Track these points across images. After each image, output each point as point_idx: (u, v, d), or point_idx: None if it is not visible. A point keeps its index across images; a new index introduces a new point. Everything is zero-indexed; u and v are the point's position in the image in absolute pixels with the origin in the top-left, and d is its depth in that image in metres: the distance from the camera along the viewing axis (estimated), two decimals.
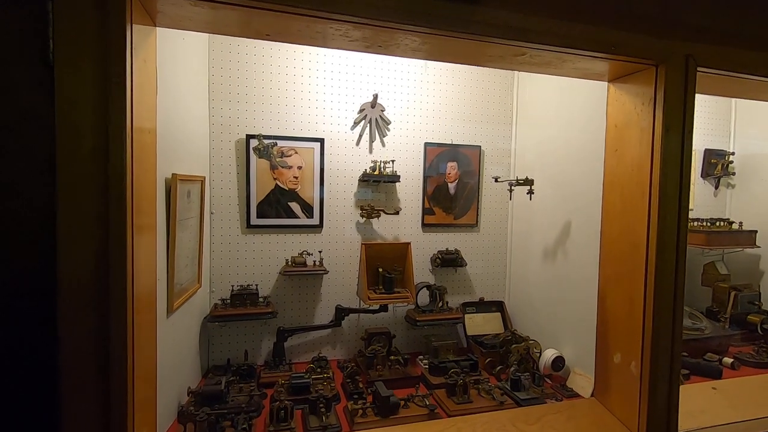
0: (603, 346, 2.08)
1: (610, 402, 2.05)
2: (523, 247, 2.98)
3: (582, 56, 1.72)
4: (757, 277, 3.35)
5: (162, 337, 1.73)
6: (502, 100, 3.03)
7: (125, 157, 1.20)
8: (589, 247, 2.22)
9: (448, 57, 1.97)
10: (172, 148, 1.85)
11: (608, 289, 2.07)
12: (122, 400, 1.21)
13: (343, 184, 2.71)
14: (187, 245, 2.01)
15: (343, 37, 1.54)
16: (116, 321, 1.20)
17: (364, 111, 2.67)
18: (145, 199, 1.39)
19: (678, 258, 1.83)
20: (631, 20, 1.73)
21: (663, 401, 1.85)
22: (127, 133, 1.21)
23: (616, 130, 2.04)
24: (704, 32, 1.84)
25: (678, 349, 1.85)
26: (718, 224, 3.23)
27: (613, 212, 2.06)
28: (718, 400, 2.22)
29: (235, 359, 2.47)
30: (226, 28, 1.48)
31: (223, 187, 2.51)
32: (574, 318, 2.44)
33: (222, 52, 2.46)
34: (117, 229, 1.20)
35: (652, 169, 1.82)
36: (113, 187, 1.19)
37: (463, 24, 1.51)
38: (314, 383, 2.16)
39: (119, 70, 1.17)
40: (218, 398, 1.94)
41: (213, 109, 2.46)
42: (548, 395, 2.23)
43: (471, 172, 2.95)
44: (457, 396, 2.11)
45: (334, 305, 2.65)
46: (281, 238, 2.62)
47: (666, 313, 1.82)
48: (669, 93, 1.79)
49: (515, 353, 2.43)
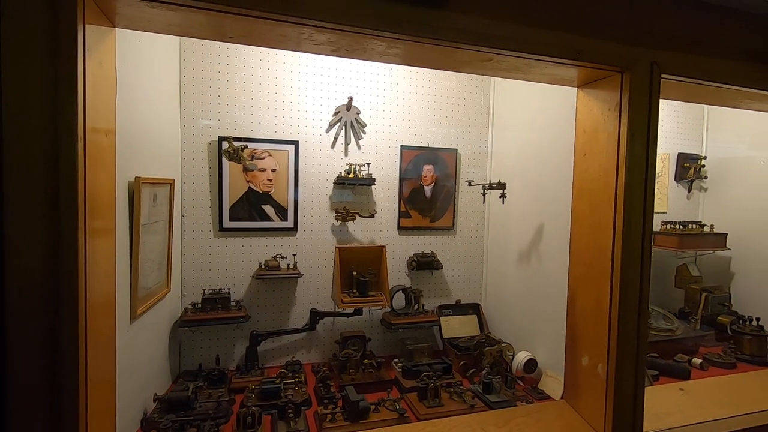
0: (572, 348, 2.10)
1: (578, 404, 2.07)
2: (500, 250, 2.99)
3: (548, 62, 1.73)
4: (727, 279, 3.43)
5: (125, 343, 1.70)
6: (478, 104, 3.05)
7: (76, 159, 1.17)
8: (562, 250, 2.24)
9: (417, 62, 1.96)
10: (138, 151, 1.82)
11: (577, 293, 2.09)
12: (74, 410, 1.18)
13: (318, 187, 2.69)
14: (154, 249, 1.97)
15: (308, 41, 1.53)
16: (67, 328, 1.17)
17: (339, 113, 2.66)
18: (102, 203, 1.36)
19: (643, 261, 1.85)
20: (596, 27, 1.76)
21: (628, 403, 1.87)
22: (79, 136, 1.18)
23: (585, 135, 2.06)
24: (669, 40, 1.87)
25: (643, 351, 1.88)
26: (690, 227, 3.29)
27: (582, 216, 2.08)
28: (685, 401, 2.26)
29: (207, 364, 2.44)
30: (187, 30, 1.46)
31: (195, 190, 2.47)
32: (546, 321, 2.46)
33: (194, 53, 2.42)
34: (68, 234, 1.17)
35: (618, 173, 1.85)
36: (64, 190, 1.16)
37: (429, 29, 1.51)
38: (285, 388, 2.14)
39: (69, 71, 1.15)
40: (185, 404, 1.91)
41: (185, 110, 2.42)
42: (519, 398, 2.24)
43: (448, 175, 2.96)
44: (428, 399, 2.11)
45: (309, 309, 2.64)
46: (255, 241, 2.59)
47: (631, 315, 1.85)
48: (634, 99, 1.81)
49: (488, 356, 2.44)
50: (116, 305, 1.48)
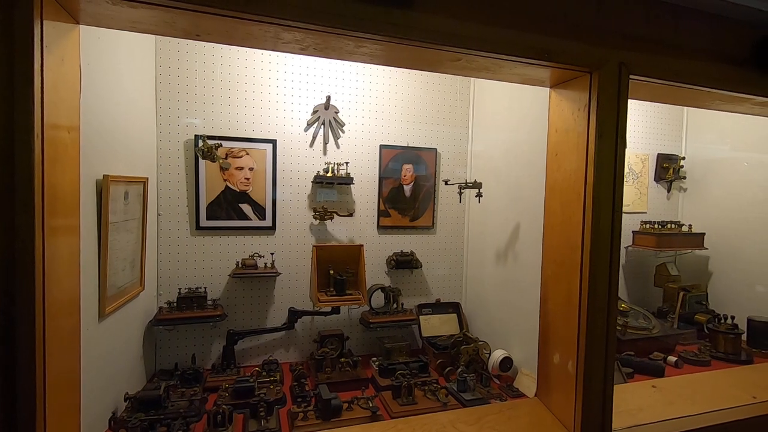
0: (544, 346, 2.12)
1: (550, 401, 2.08)
2: (479, 249, 3.01)
3: (517, 62, 1.75)
4: (705, 278, 3.47)
5: (93, 342, 1.69)
6: (459, 103, 3.06)
7: (33, 156, 1.17)
8: (536, 249, 2.26)
9: (388, 61, 1.96)
10: (107, 148, 1.81)
11: (549, 291, 2.11)
12: (30, 410, 1.17)
13: (296, 186, 2.69)
14: (126, 248, 1.96)
15: (275, 39, 1.53)
16: (23, 327, 1.17)
17: (318, 112, 2.67)
18: (64, 200, 1.35)
19: (612, 260, 1.87)
20: (565, 28, 1.77)
21: (598, 399, 1.89)
22: (36, 134, 1.18)
23: (557, 135, 2.08)
24: (638, 40, 1.90)
25: (612, 347, 1.90)
26: (668, 226, 3.33)
27: (554, 214, 2.10)
28: (656, 397, 2.28)
29: (183, 364, 2.43)
30: (150, 27, 1.45)
31: (172, 189, 2.47)
32: (522, 319, 2.48)
33: (170, 51, 2.42)
34: (24, 232, 1.16)
35: (587, 173, 1.86)
36: (20, 188, 1.15)
37: (395, 29, 1.52)
38: (260, 387, 2.14)
39: (25, 68, 1.14)
40: (156, 403, 1.90)
41: (160, 108, 2.41)
42: (494, 395, 2.26)
43: (427, 175, 2.98)
44: (402, 398, 2.12)
45: (287, 308, 2.63)
46: (232, 240, 2.59)
47: (600, 312, 1.87)
48: (602, 100, 1.83)
49: (465, 354, 2.46)
50: (82, 304, 1.47)
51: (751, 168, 3.20)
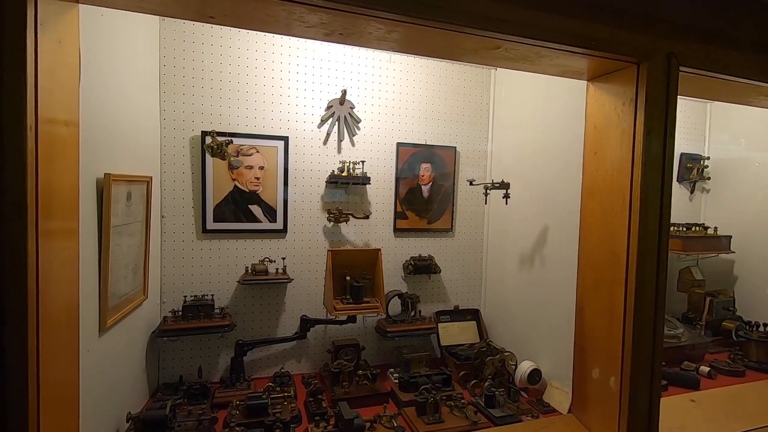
0: (581, 359, 1.97)
1: (588, 419, 1.94)
2: (500, 252, 2.86)
3: (560, 51, 1.60)
4: (731, 283, 3.33)
5: (93, 357, 1.53)
6: (478, 100, 2.91)
7: (26, 152, 1.00)
8: (568, 254, 2.12)
9: (419, 49, 1.82)
10: (109, 145, 1.64)
11: (586, 300, 1.96)
12: None
13: (309, 186, 2.53)
14: (128, 253, 1.80)
15: (298, 22, 1.38)
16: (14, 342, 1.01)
17: (332, 108, 2.50)
18: (61, 202, 1.19)
19: (659, 267, 1.72)
20: (611, 14, 1.63)
21: (643, 418, 1.74)
22: (29, 125, 1.01)
23: (596, 132, 1.93)
24: (687, 30, 1.75)
25: (659, 364, 1.75)
26: (694, 229, 3.19)
27: (592, 217, 1.96)
28: (696, 413, 2.14)
29: (188, 377, 2.26)
30: (158, 7, 1.29)
31: (176, 189, 2.29)
32: (551, 328, 2.33)
33: (175, 40, 2.24)
34: (15, 236, 1.00)
35: (633, 172, 1.72)
36: (9, 187, 0.99)
37: (433, 11, 1.37)
38: (273, 404, 1.97)
39: (17, 48, 0.98)
40: (161, 424, 1.73)
41: (165, 102, 2.24)
42: (524, 411, 2.10)
43: (446, 175, 2.82)
44: (428, 415, 1.96)
45: (299, 316, 2.47)
46: (240, 243, 2.42)
47: (647, 326, 1.72)
48: (651, 93, 1.69)
49: (490, 366, 2.30)
50: (80, 316, 1.31)
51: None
